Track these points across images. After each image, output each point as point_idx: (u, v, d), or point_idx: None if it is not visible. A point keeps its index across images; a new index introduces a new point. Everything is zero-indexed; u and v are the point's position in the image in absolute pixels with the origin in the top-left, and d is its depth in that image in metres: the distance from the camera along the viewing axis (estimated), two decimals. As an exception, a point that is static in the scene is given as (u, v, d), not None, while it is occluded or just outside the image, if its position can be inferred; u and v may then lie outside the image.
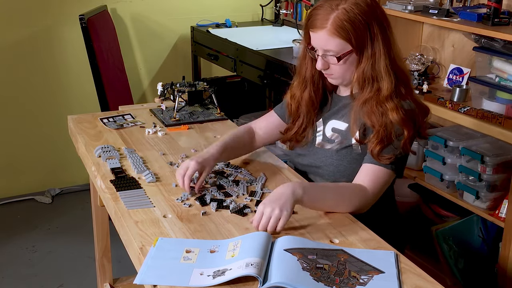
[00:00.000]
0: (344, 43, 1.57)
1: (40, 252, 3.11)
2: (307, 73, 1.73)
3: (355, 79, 1.64)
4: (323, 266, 1.28)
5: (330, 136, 1.73)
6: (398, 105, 1.58)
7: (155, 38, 3.78)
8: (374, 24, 1.57)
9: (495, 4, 2.16)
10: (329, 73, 1.66)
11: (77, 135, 2.08)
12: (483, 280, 2.38)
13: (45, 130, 3.61)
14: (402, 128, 1.57)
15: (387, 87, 1.58)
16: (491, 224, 2.35)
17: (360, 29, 1.56)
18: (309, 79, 1.74)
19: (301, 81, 1.76)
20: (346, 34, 1.56)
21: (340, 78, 1.66)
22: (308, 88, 1.74)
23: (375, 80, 1.60)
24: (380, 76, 1.59)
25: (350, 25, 1.55)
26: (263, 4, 3.95)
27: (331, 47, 1.59)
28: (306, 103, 1.75)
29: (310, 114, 1.76)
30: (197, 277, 1.26)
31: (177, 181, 1.64)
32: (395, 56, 1.62)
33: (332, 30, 1.56)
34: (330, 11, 1.57)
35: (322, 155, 1.73)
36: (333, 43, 1.58)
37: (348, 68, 1.63)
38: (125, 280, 2.51)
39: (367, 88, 1.61)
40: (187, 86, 2.28)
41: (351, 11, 1.55)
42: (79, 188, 3.73)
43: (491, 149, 2.23)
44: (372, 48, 1.58)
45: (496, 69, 2.23)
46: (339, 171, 1.69)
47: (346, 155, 1.68)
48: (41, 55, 3.49)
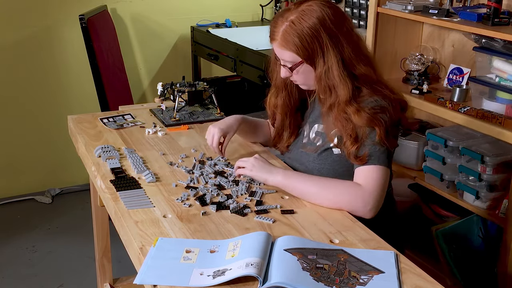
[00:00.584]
0: (294, 55, 1.62)
1: (40, 252, 3.11)
2: (278, 80, 1.78)
3: (317, 87, 1.67)
4: (323, 266, 1.28)
5: (313, 139, 1.77)
6: (359, 107, 1.60)
7: (155, 38, 3.78)
8: (323, 34, 1.58)
9: (495, 4, 2.16)
10: (293, 80, 1.72)
11: (77, 135, 2.08)
12: (483, 280, 2.38)
13: (45, 130, 3.61)
14: (371, 127, 1.59)
15: (344, 94, 1.61)
16: (491, 224, 2.35)
17: (307, 41, 1.59)
18: (280, 86, 1.79)
19: (274, 88, 1.82)
20: (294, 46, 1.60)
21: (305, 84, 1.71)
22: (280, 94, 1.80)
23: (332, 87, 1.62)
24: (336, 84, 1.61)
25: (297, 38, 1.59)
26: (263, 4, 3.95)
27: (284, 58, 1.64)
28: (280, 109, 1.81)
29: (284, 120, 1.82)
30: (197, 277, 1.26)
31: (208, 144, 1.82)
32: (353, 59, 1.62)
33: (281, 43, 1.62)
34: (281, 23, 1.61)
35: (306, 159, 1.76)
36: (285, 54, 1.63)
37: (306, 77, 1.66)
38: (125, 280, 2.51)
39: (328, 95, 1.65)
40: (187, 86, 2.28)
41: (298, 24, 1.58)
42: (79, 188, 3.73)
43: (491, 149, 2.23)
44: (323, 58, 1.60)
45: (496, 69, 2.23)
46: (322, 174, 1.71)
47: (327, 157, 1.71)
48: (41, 55, 3.49)
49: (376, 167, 1.58)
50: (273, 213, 1.55)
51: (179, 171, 1.79)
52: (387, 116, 1.60)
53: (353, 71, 1.62)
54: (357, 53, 1.63)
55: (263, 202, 1.61)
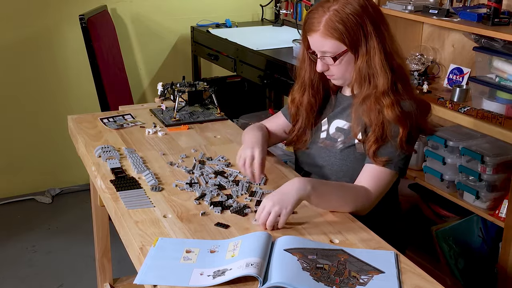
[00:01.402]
0: (338, 44, 1.60)
1: (40, 252, 3.11)
2: (306, 77, 1.76)
3: (354, 78, 1.65)
4: (323, 266, 1.28)
5: (333, 135, 1.74)
6: (395, 101, 1.59)
7: (155, 38, 3.78)
8: (367, 22, 1.59)
9: (495, 4, 2.16)
10: (330, 74, 1.69)
11: (77, 135, 2.08)
12: (483, 280, 2.38)
13: (45, 130, 3.61)
14: (397, 125, 1.58)
15: (383, 83, 1.60)
16: (491, 224, 2.35)
17: (352, 28, 1.58)
18: (307, 83, 1.76)
19: (300, 85, 1.78)
20: (339, 34, 1.58)
21: (341, 78, 1.68)
22: (307, 92, 1.77)
23: (371, 77, 1.61)
24: (376, 73, 1.60)
25: (342, 25, 1.58)
26: (263, 4, 3.95)
27: (326, 49, 1.61)
28: (305, 107, 1.78)
29: (309, 117, 1.79)
30: (197, 277, 1.26)
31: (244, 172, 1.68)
32: (393, 52, 1.63)
33: (325, 32, 1.59)
34: (323, 13, 1.60)
35: (326, 154, 1.74)
36: (328, 44, 1.60)
37: (346, 68, 1.64)
38: (125, 280, 2.51)
39: (364, 85, 1.63)
40: (187, 86, 2.28)
41: (342, 12, 1.58)
42: (79, 188, 3.73)
43: (491, 149, 2.23)
44: (366, 46, 1.60)
45: (496, 69, 2.23)
46: (342, 171, 1.70)
47: (349, 154, 1.69)
48: (41, 55, 3.49)
49: (390, 172, 1.60)
50: (273, 213, 1.55)
51: (179, 171, 1.79)
52: (414, 119, 1.60)
53: (392, 63, 1.62)
54: (395, 45, 1.64)
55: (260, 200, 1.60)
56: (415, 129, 1.62)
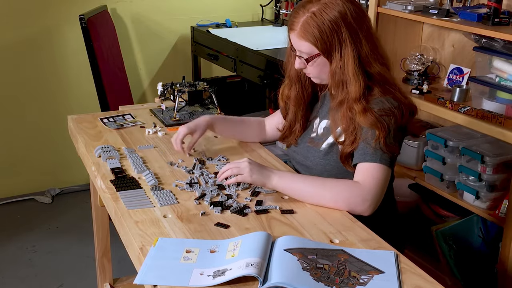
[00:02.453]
0: (311, 46, 1.61)
1: (40, 252, 3.12)
2: (292, 72, 1.78)
3: (330, 82, 1.66)
4: (323, 266, 1.28)
5: (321, 134, 1.76)
6: (367, 106, 1.59)
7: (155, 38, 3.78)
8: (343, 29, 1.58)
9: (495, 4, 2.16)
10: (307, 72, 1.71)
11: (77, 135, 2.08)
12: (483, 280, 2.38)
13: (45, 130, 3.61)
14: (373, 129, 1.58)
15: (354, 90, 1.60)
16: (491, 224, 2.35)
17: (326, 34, 1.58)
18: (294, 78, 1.78)
19: (288, 80, 1.81)
20: (313, 38, 1.59)
21: (317, 78, 1.70)
22: (294, 86, 1.79)
23: (345, 83, 1.62)
24: (349, 80, 1.61)
25: (317, 30, 1.58)
26: (263, 4, 3.95)
27: (301, 49, 1.64)
28: (293, 101, 1.80)
29: (297, 112, 1.81)
30: (197, 277, 1.26)
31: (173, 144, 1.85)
32: (371, 59, 1.62)
33: (300, 33, 1.61)
34: (302, 14, 1.61)
35: (312, 154, 1.75)
36: (302, 45, 1.62)
37: (320, 69, 1.66)
38: (125, 280, 2.51)
39: (339, 90, 1.64)
40: (187, 86, 2.28)
41: (320, 16, 1.58)
42: (79, 188, 3.73)
43: (491, 149, 2.23)
44: (340, 52, 1.60)
45: (496, 69, 2.23)
46: (327, 170, 1.70)
47: (333, 154, 1.70)
48: (41, 55, 3.49)
49: (377, 165, 1.57)
50: (273, 213, 1.55)
51: (179, 171, 1.79)
52: (392, 119, 1.59)
53: (368, 69, 1.62)
54: (374, 51, 1.63)
55: (263, 202, 1.61)
56: (396, 128, 1.60)
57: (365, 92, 1.61)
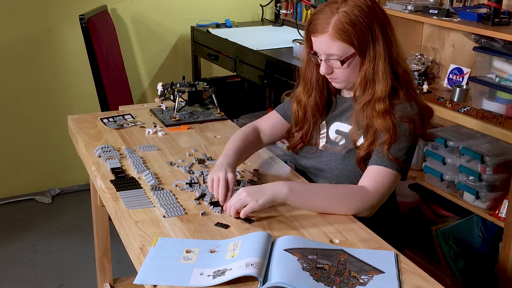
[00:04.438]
0: (347, 46, 1.56)
1: (40, 252, 3.12)
2: (312, 79, 1.72)
3: (358, 83, 1.62)
4: (323, 266, 1.28)
5: (334, 138, 1.73)
6: (389, 109, 1.57)
7: (155, 38, 3.78)
8: (375, 25, 1.56)
9: (495, 4, 2.16)
10: (333, 77, 1.65)
11: (77, 135, 2.08)
12: (483, 280, 2.38)
13: (45, 130, 3.61)
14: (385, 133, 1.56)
15: (381, 89, 1.58)
16: (491, 224, 2.35)
17: (362, 31, 1.55)
18: (314, 84, 1.72)
19: (306, 87, 1.74)
20: (348, 37, 1.55)
21: (345, 82, 1.65)
22: (313, 93, 1.73)
23: (375, 82, 1.59)
24: (378, 78, 1.58)
25: (352, 27, 1.54)
26: (263, 4, 3.95)
27: (334, 51, 1.58)
28: (312, 109, 1.74)
29: (316, 119, 1.76)
30: (197, 277, 1.26)
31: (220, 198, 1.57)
32: (398, 56, 1.60)
33: (334, 34, 1.55)
34: (331, 14, 1.56)
35: (327, 158, 1.72)
36: (336, 46, 1.57)
37: (351, 72, 1.61)
38: (125, 280, 2.51)
39: (367, 90, 1.60)
40: (187, 86, 2.28)
41: (352, 14, 1.54)
42: (79, 188, 3.73)
43: (491, 149, 2.23)
44: (374, 49, 1.57)
45: (496, 69, 2.23)
46: (343, 175, 1.68)
47: (351, 159, 1.66)
48: (41, 55, 3.49)
49: (393, 173, 1.55)
50: (273, 213, 1.54)
51: (179, 171, 1.79)
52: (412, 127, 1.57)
53: (396, 69, 1.60)
54: (400, 50, 1.62)
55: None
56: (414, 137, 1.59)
57: (390, 93, 1.58)
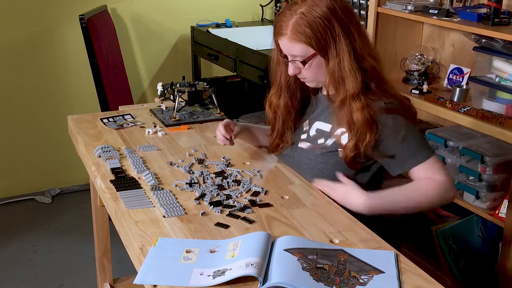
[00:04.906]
0: (306, 47, 1.58)
1: (40, 252, 3.12)
2: (282, 80, 1.73)
3: (327, 81, 1.63)
4: (323, 266, 1.28)
5: (313, 137, 1.73)
6: (365, 104, 1.57)
7: (155, 38, 3.78)
8: (334, 24, 1.56)
9: (495, 4, 2.16)
10: (302, 77, 1.67)
11: (77, 135, 2.08)
12: (483, 280, 2.38)
13: (45, 130, 3.61)
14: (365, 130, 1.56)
15: (352, 86, 1.58)
16: (491, 224, 2.35)
17: (319, 31, 1.56)
18: (284, 86, 1.74)
19: (276, 89, 1.76)
20: (306, 38, 1.56)
21: (314, 81, 1.67)
22: (283, 95, 1.74)
23: (344, 79, 1.59)
24: (346, 76, 1.58)
25: (309, 29, 1.55)
26: (263, 4, 3.95)
27: (295, 52, 1.60)
28: (281, 111, 1.76)
29: (287, 121, 1.77)
30: (197, 277, 1.26)
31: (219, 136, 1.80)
32: (364, 53, 1.60)
33: (293, 36, 1.57)
34: (290, 17, 1.58)
35: (306, 158, 1.72)
36: (296, 48, 1.59)
37: (317, 71, 1.63)
38: (125, 280, 2.51)
39: (340, 89, 1.61)
40: (187, 86, 2.28)
41: (309, 15, 1.55)
42: (79, 188, 3.73)
43: (491, 149, 2.23)
44: (336, 48, 1.57)
45: (496, 69, 2.23)
46: (323, 175, 1.67)
47: (330, 158, 1.67)
48: (41, 55, 3.49)
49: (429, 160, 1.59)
50: (273, 213, 1.54)
51: (179, 171, 1.79)
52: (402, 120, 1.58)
53: (363, 64, 1.59)
54: (366, 45, 1.62)
55: (261, 200, 1.60)
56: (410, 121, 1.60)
57: (363, 88, 1.58)
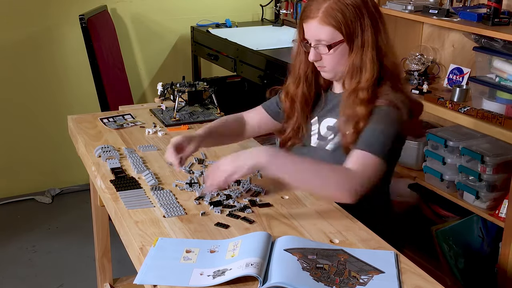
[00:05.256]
0: (335, 32, 1.58)
1: (40, 252, 3.12)
2: (300, 69, 1.74)
3: (346, 72, 1.63)
4: (323, 266, 1.28)
5: (324, 134, 1.73)
6: (371, 97, 1.57)
7: (155, 38, 3.78)
8: (365, 15, 1.58)
9: (495, 4, 2.16)
10: (321, 65, 1.66)
11: (77, 135, 2.08)
12: (483, 280, 2.38)
13: (45, 130, 3.61)
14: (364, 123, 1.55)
15: (366, 78, 1.58)
16: (491, 224, 2.35)
17: (350, 19, 1.57)
18: (302, 75, 1.74)
19: (295, 78, 1.76)
20: (337, 23, 1.57)
21: (332, 70, 1.66)
22: (301, 84, 1.75)
23: (361, 71, 1.60)
24: (365, 67, 1.59)
25: (341, 14, 1.57)
26: (263, 4, 3.95)
27: (322, 36, 1.59)
28: (300, 100, 1.76)
29: (304, 111, 1.77)
30: (197, 277, 1.26)
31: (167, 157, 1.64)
32: (387, 50, 1.61)
33: (323, 19, 1.58)
34: (322, 1, 1.59)
35: (318, 155, 1.71)
36: (324, 31, 1.59)
37: (339, 59, 1.62)
38: (125, 280, 2.51)
39: (353, 79, 1.61)
40: (187, 86, 2.28)
41: (343, 1, 1.57)
42: (79, 188, 3.73)
43: (491, 149, 2.23)
44: (362, 38, 1.59)
45: (496, 69, 2.23)
46: None
47: (342, 155, 1.63)
48: (41, 55, 3.49)
49: (375, 159, 1.51)
50: (273, 213, 1.55)
51: (179, 171, 1.78)
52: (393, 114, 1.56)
53: (383, 60, 1.60)
54: (389, 43, 1.63)
55: (261, 200, 1.60)
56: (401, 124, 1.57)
57: (375, 83, 1.59)
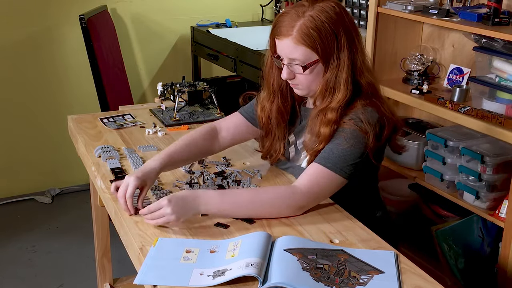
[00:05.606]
0: (310, 52, 1.51)
1: (40, 252, 3.12)
2: (274, 84, 1.67)
3: (319, 90, 1.57)
4: (323, 266, 1.28)
5: (301, 150, 1.69)
6: (337, 119, 1.52)
7: (155, 38, 3.79)
8: (341, 33, 1.51)
9: (495, 4, 2.16)
10: (295, 83, 1.60)
11: (77, 135, 2.08)
12: (483, 280, 2.38)
13: (45, 130, 3.62)
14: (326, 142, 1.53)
15: (338, 99, 1.53)
16: (491, 224, 2.35)
17: (327, 38, 1.50)
18: (277, 90, 1.67)
19: (269, 92, 1.69)
20: (312, 42, 1.49)
21: (306, 89, 1.60)
22: (276, 99, 1.68)
23: (335, 91, 1.54)
24: (338, 87, 1.53)
25: (317, 33, 1.49)
26: (263, 4, 3.95)
27: (296, 56, 1.52)
28: (275, 116, 1.69)
29: (281, 126, 1.71)
30: (197, 277, 1.26)
31: (119, 201, 1.52)
32: (363, 66, 1.56)
33: (298, 38, 1.49)
34: (297, 18, 1.50)
35: (296, 171, 1.68)
36: (299, 51, 1.51)
37: (314, 79, 1.56)
38: (125, 280, 2.51)
39: (326, 98, 1.55)
40: (187, 86, 2.28)
41: (318, 19, 1.49)
42: (79, 188, 3.73)
43: (491, 149, 2.23)
44: (338, 58, 1.52)
45: (496, 69, 2.23)
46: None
47: None
48: (41, 55, 3.49)
49: (333, 175, 1.50)
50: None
51: (179, 171, 1.78)
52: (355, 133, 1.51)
53: (359, 79, 1.55)
54: (366, 60, 1.57)
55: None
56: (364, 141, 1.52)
57: (346, 104, 1.54)
